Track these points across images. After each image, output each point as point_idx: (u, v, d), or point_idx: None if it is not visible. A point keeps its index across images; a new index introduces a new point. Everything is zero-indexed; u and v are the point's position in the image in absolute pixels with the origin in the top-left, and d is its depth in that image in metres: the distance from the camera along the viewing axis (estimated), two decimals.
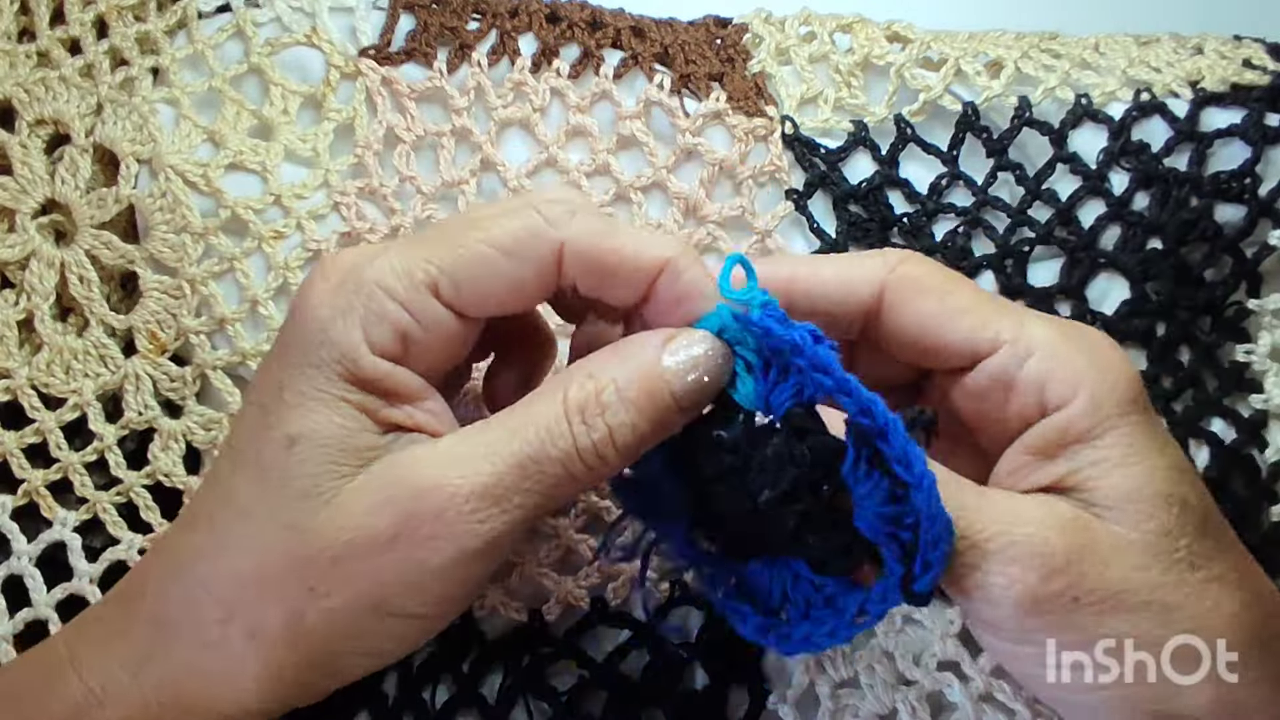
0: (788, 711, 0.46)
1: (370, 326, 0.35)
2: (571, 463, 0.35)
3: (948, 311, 0.38)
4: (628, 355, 0.36)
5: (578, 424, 0.35)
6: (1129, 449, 0.36)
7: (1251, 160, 0.49)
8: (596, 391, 0.35)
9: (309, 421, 0.35)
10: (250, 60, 0.51)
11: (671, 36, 0.52)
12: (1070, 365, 0.36)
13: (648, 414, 0.35)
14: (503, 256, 0.36)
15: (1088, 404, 0.36)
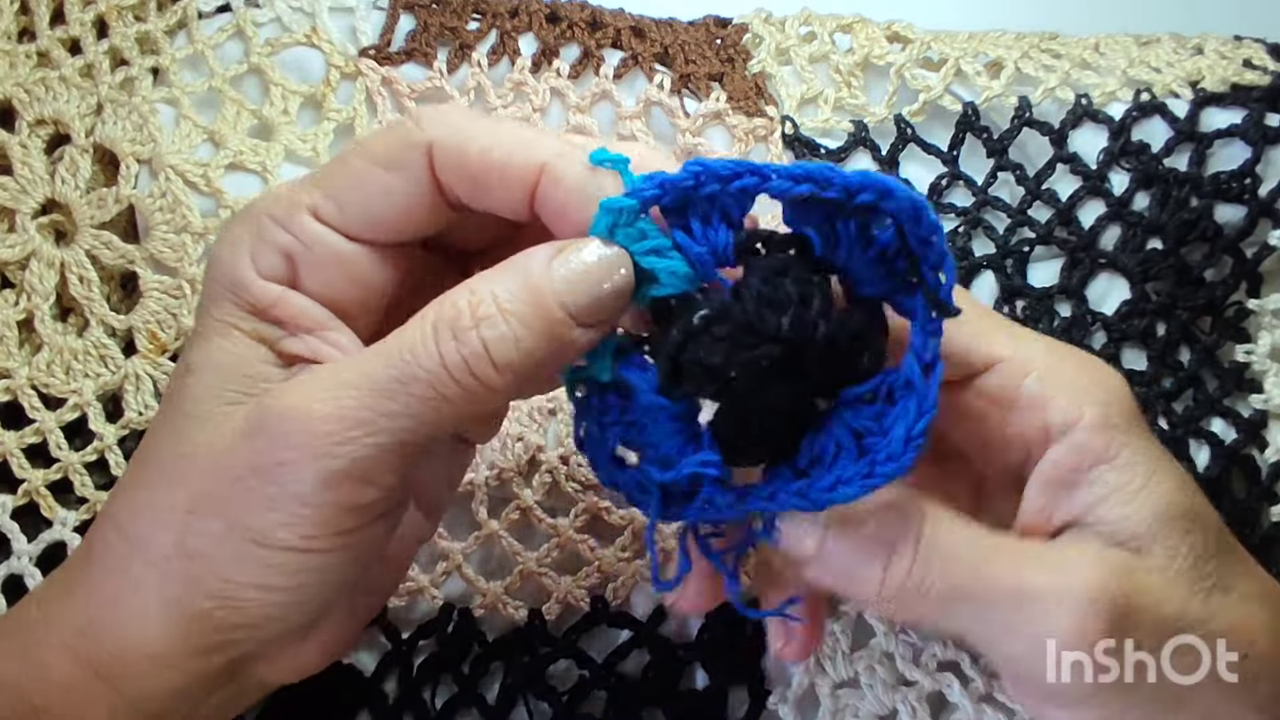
0: (788, 711, 0.46)
1: (256, 252, 0.35)
2: (441, 382, 0.32)
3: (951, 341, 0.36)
4: (511, 267, 0.33)
5: (446, 340, 0.32)
6: (1148, 470, 0.35)
7: (1251, 160, 0.49)
8: (472, 306, 0.32)
9: (205, 350, 0.35)
10: (250, 60, 0.51)
11: (671, 36, 0.52)
12: (1071, 381, 0.35)
13: (535, 327, 0.32)
14: (378, 168, 0.35)
15: (1097, 418, 0.35)
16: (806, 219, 0.33)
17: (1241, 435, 0.48)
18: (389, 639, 0.47)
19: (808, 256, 0.33)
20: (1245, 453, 0.48)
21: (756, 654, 0.47)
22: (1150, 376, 0.49)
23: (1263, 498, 0.48)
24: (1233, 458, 0.48)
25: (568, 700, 0.47)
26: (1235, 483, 0.48)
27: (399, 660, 0.47)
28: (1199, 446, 0.48)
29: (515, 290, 0.32)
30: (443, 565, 0.48)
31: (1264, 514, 0.48)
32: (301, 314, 0.35)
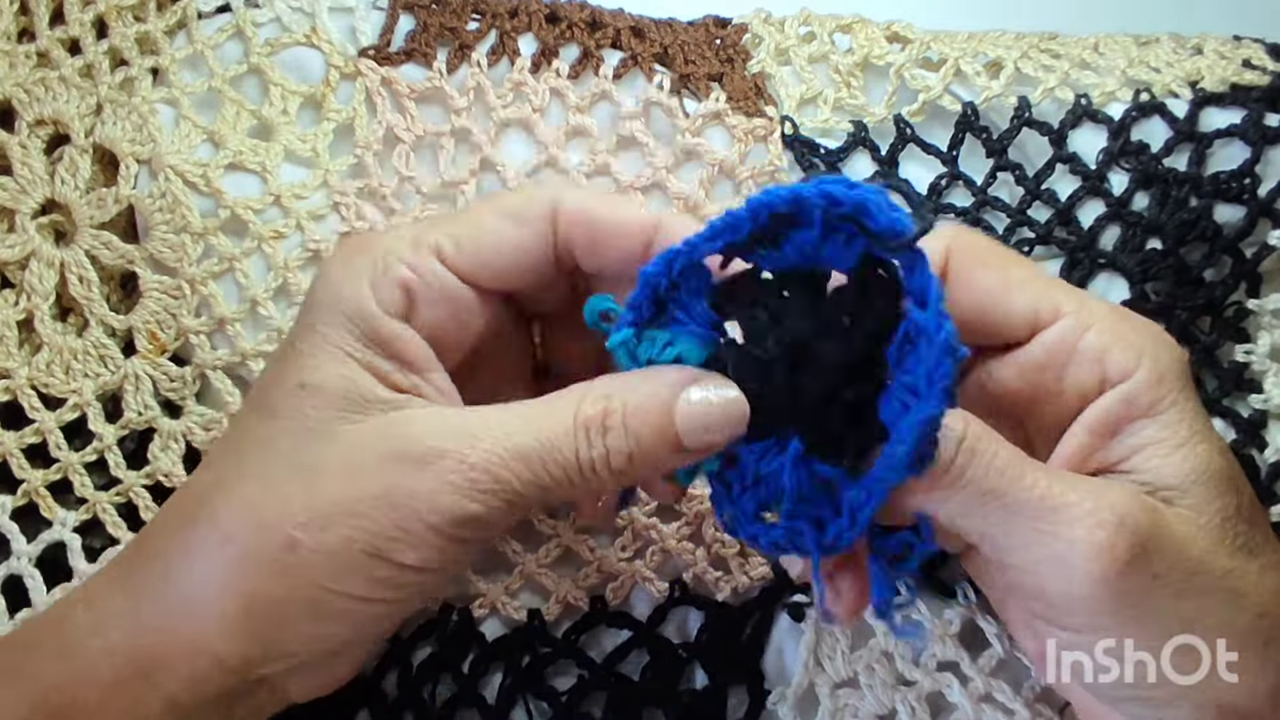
0: (787, 711, 0.46)
1: (378, 285, 0.37)
2: (571, 470, 0.36)
3: (1009, 283, 0.38)
4: (646, 382, 0.37)
5: (582, 439, 0.36)
6: (1191, 428, 0.36)
7: (1251, 160, 0.49)
8: (605, 412, 0.36)
9: (319, 371, 0.37)
10: (250, 60, 0.51)
11: (671, 37, 0.52)
12: (1131, 337, 0.37)
13: (646, 446, 0.36)
14: (502, 219, 0.39)
15: (1151, 374, 0.36)
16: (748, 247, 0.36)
17: (1241, 435, 0.48)
18: (389, 639, 0.47)
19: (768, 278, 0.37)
20: (1245, 453, 0.48)
21: (756, 654, 0.47)
22: None
23: (1262, 498, 0.48)
24: None
25: (567, 700, 0.47)
26: None
27: (399, 660, 0.47)
28: None
29: (644, 407, 0.36)
30: None
31: None
32: (415, 352, 0.38)
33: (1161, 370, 0.36)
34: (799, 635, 0.47)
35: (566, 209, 0.39)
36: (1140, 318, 0.38)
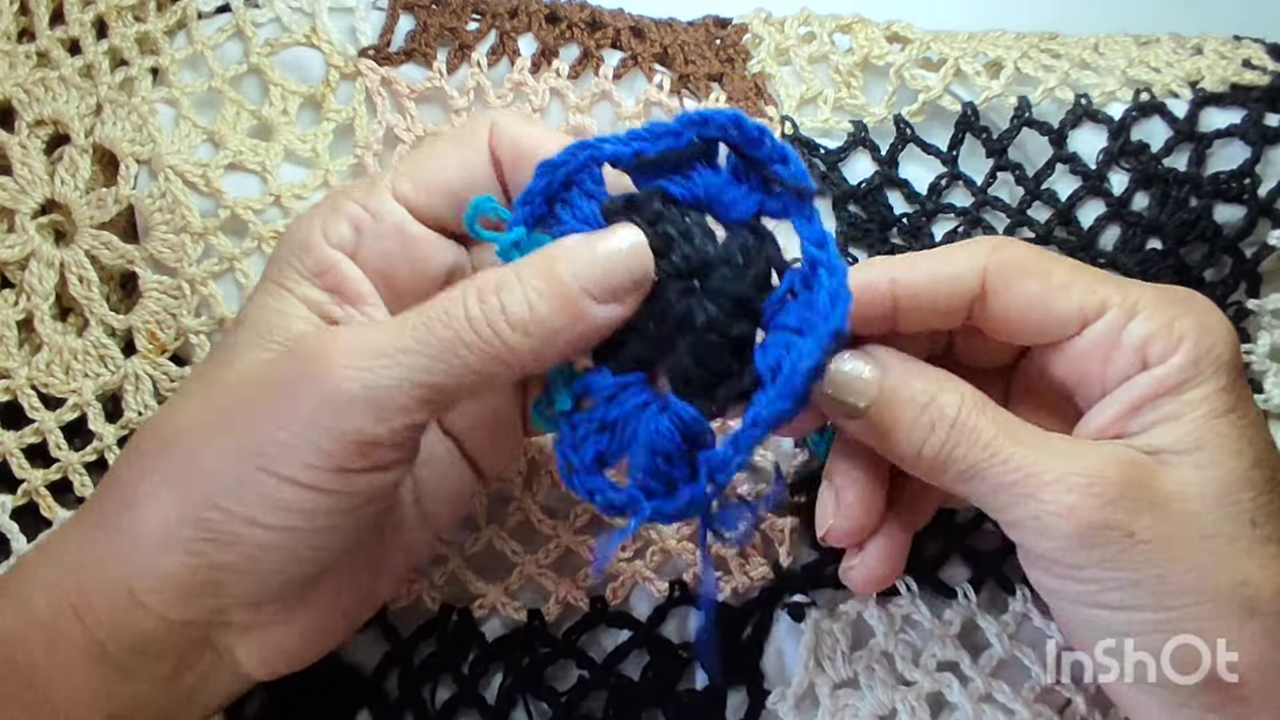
0: (787, 711, 0.46)
1: (326, 220, 0.39)
2: (462, 329, 0.35)
3: (1053, 288, 0.38)
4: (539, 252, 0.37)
5: (470, 299, 0.35)
6: (1211, 405, 0.37)
7: (1251, 160, 0.49)
8: (497, 276, 0.36)
9: (254, 307, 0.39)
10: (250, 60, 0.51)
11: (671, 37, 0.52)
12: (1174, 324, 0.37)
13: (548, 294, 0.35)
14: (448, 144, 0.41)
15: (1186, 360, 0.37)
16: (659, 173, 0.37)
17: None
18: (389, 639, 0.48)
19: (673, 203, 0.37)
20: None
21: (756, 654, 0.47)
22: None
23: None
24: None
25: (567, 700, 0.47)
26: None
27: (399, 660, 0.47)
28: None
29: (535, 264, 0.36)
30: (442, 566, 0.48)
31: None
32: (351, 283, 0.39)
33: (1199, 354, 0.37)
34: (799, 635, 0.47)
35: (498, 127, 0.40)
36: (1193, 298, 0.39)
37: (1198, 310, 0.38)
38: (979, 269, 0.39)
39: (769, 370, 0.35)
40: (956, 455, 0.37)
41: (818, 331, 0.35)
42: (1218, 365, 0.37)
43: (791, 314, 0.36)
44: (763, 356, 0.36)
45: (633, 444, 0.35)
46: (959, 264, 0.39)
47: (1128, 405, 0.38)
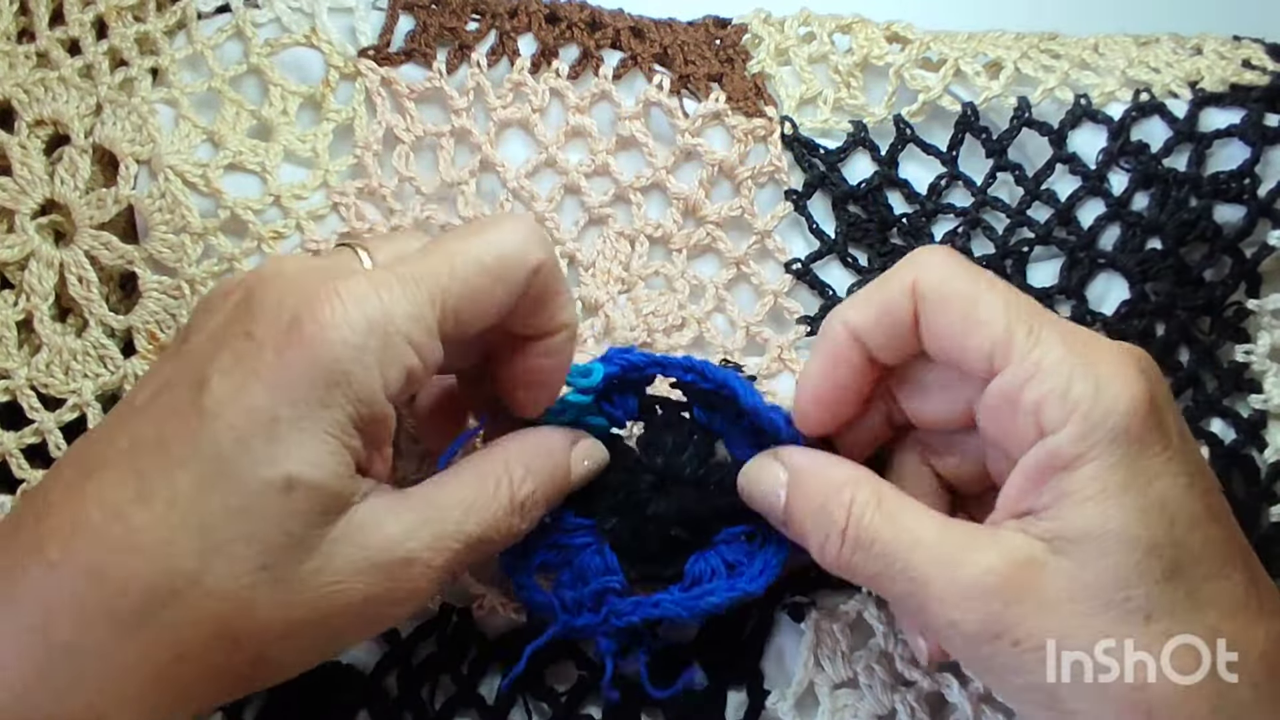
0: (787, 711, 0.46)
1: (386, 369, 0.36)
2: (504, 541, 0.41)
3: (969, 324, 0.38)
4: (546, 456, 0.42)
5: (516, 519, 0.40)
6: (1105, 483, 0.35)
7: (1251, 160, 0.49)
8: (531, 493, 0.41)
9: (310, 466, 0.35)
10: (249, 61, 0.51)
11: (671, 37, 0.52)
12: (1069, 390, 0.36)
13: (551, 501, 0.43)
14: (496, 283, 0.38)
15: (1076, 432, 0.35)
16: (696, 395, 0.45)
17: (1241, 435, 0.48)
18: (388, 639, 0.48)
19: (693, 420, 0.46)
20: (1244, 453, 0.48)
21: (756, 654, 0.47)
22: None
23: (1262, 498, 0.48)
24: (1232, 458, 0.48)
25: (567, 701, 0.47)
26: (1234, 483, 0.48)
27: (398, 660, 0.47)
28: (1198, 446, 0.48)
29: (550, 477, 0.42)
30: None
31: (1263, 514, 0.48)
32: (388, 432, 0.38)
33: (1089, 426, 0.35)
34: (799, 635, 0.47)
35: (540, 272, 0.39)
36: (1103, 358, 0.37)
37: (1099, 372, 0.36)
38: (908, 289, 0.39)
39: (690, 578, 0.44)
40: (855, 563, 0.39)
41: (738, 586, 0.44)
42: (1112, 437, 0.35)
43: (738, 550, 0.45)
44: (695, 563, 0.44)
45: (566, 567, 0.44)
46: (893, 288, 0.40)
47: (1027, 480, 0.37)
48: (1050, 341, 0.37)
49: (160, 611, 0.34)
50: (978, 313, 0.38)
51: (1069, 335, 0.37)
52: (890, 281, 0.40)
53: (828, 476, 0.40)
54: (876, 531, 0.38)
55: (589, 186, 0.51)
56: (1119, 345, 0.38)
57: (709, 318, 0.50)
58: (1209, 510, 0.36)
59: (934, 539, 0.37)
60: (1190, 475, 0.36)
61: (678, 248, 0.50)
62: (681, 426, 0.46)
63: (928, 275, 0.39)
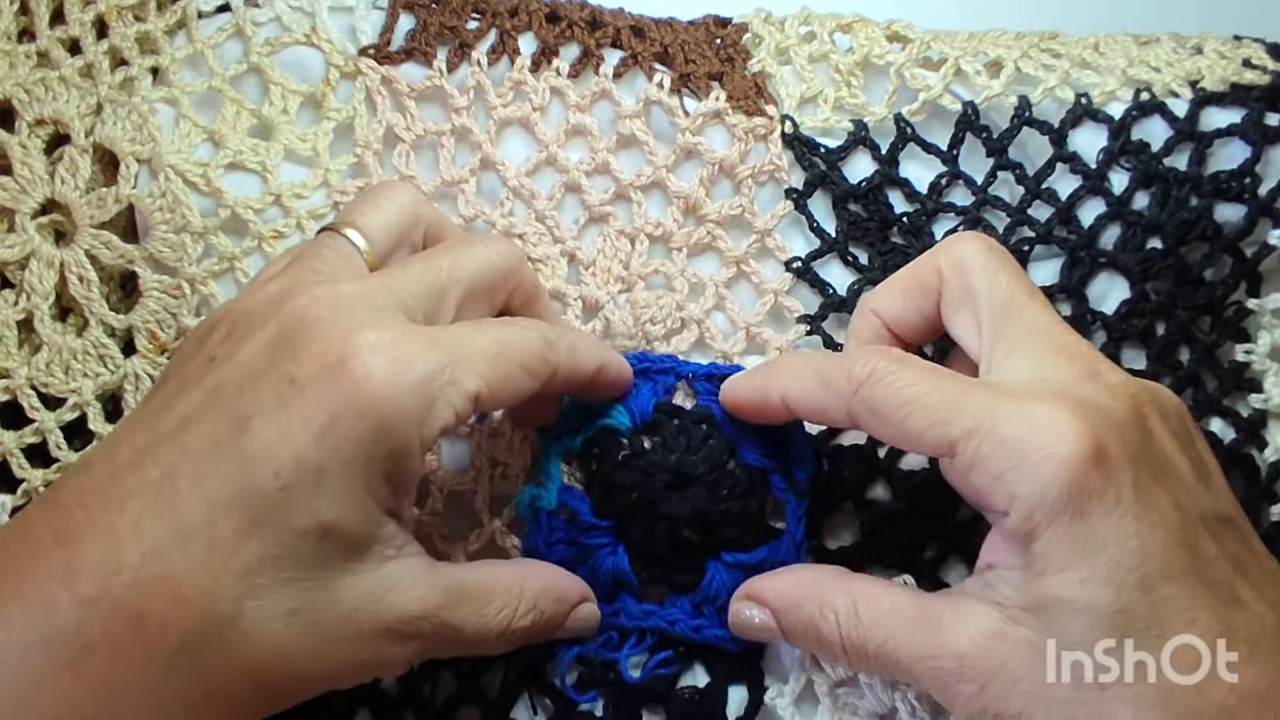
0: (786, 708, 0.46)
1: (425, 429, 0.37)
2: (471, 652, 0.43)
3: (908, 433, 0.39)
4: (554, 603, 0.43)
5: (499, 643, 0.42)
6: (1053, 558, 0.36)
7: (1251, 160, 0.49)
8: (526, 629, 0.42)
9: (346, 517, 0.36)
10: (250, 60, 0.51)
11: (671, 36, 0.52)
12: (1006, 478, 0.37)
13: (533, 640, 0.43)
14: (523, 373, 0.40)
15: (1020, 515, 0.36)
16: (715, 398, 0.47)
17: (1241, 435, 0.48)
18: None
19: (710, 423, 0.46)
20: (1244, 452, 0.48)
21: (755, 652, 0.47)
22: (1150, 375, 0.48)
23: (1262, 497, 0.48)
24: (1232, 457, 0.48)
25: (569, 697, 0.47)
26: (1234, 482, 0.48)
27: None
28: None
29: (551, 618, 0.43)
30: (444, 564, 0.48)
31: (1264, 513, 0.48)
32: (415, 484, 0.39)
33: (1031, 507, 0.36)
34: None
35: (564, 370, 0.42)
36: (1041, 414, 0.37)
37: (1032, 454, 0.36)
38: (843, 409, 0.40)
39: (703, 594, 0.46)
40: (865, 667, 0.42)
41: None
42: (1053, 514, 0.36)
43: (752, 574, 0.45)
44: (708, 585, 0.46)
45: (582, 565, 0.46)
46: (829, 402, 0.41)
47: (997, 545, 0.38)
48: (984, 426, 0.37)
49: (198, 655, 0.35)
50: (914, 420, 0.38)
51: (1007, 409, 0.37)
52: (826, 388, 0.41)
53: (806, 603, 0.42)
54: (865, 639, 0.40)
55: (589, 185, 0.51)
56: (1073, 398, 0.37)
57: (709, 317, 0.50)
58: (1165, 566, 0.36)
59: (912, 631, 0.39)
60: (1147, 531, 0.36)
61: (678, 246, 0.50)
62: (697, 428, 0.46)
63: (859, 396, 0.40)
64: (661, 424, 0.47)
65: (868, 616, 0.40)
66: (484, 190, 0.51)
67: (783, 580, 0.44)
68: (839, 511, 0.48)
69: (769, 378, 0.43)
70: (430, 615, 0.38)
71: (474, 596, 0.40)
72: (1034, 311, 0.41)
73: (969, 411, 0.37)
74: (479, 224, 0.50)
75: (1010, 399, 0.38)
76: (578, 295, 0.50)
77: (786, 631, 0.43)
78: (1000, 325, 0.41)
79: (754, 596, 0.44)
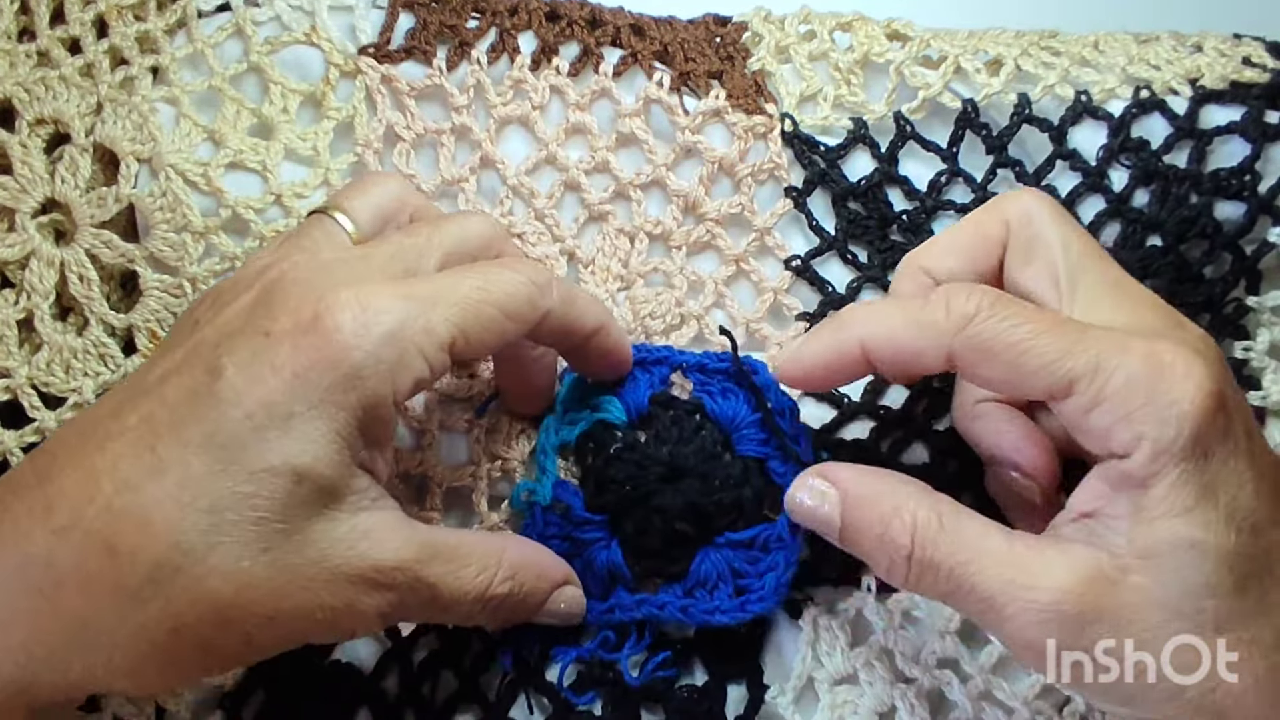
0: (786, 706, 0.46)
1: (398, 379, 0.37)
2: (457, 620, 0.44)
3: (1022, 372, 0.37)
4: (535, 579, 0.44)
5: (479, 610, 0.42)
6: (1174, 501, 0.35)
7: (1251, 157, 0.49)
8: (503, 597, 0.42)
9: (318, 461, 0.37)
10: (250, 59, 0.51)
11: (671, 34, 0.52)
12: (1133, 418, 0.36)
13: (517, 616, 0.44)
14: (506, 318, 0.40)
15: (1147, 454, 0.36)
16: (708, 388, 0.47)
17: None
18: (389, 636, 0.47)
19: (703, 415, 0.47)
20: None
21: (755, 650, 0.47)
22: None
23: None
24: None
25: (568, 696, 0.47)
26: None
27: (399, 657, 0.47)
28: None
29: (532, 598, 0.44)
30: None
31: None
32: (390, 435, 0.40)
33: (1161, 448, 0.35)
34: (798, 631, 0.47)
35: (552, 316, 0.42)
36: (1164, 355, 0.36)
37: (1162, 395, 0.36)
38: (943, 349, 0.38)
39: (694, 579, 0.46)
40: (924, 586, 0.39)
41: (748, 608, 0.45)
42: (1181, 455, 0.35)
43: (743, 557, 0.46)
44: (699, 569, 0.46)
45: (576, 558, 0.46)
46: (925, 341, 0.39)
47: (1100, 489, 0.37)
48: (1113, 361, 0.36)
49: (165, 586, 0.36)
50: (1029, 358, 0.37)
51: (1128, 347, 0.36)
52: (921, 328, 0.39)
53: (883, 498, 0.39)
54: (943, 555, 0.38)
55: (589, 183, 0.51)
56: (1181, 341, 0.37)
57: (708, 313, 0.50)
58: (1272, 511, 0.36)
59: (1001, 559, 0.37)
60: (1257, 477, 0.36)
61: (677, 245, 0.50)
62: (691, 419, 0.46)
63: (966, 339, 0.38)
64: (656, 416, 0.47)
65: (953, 531, 0.38)
66: (484, 189, 0.51)
67: (863, 472, 0.41)
68: None
69: (843, 330, 0.41)
70: (404, 567, 0.39)
71: (451, 556, 0.40)
72: (1108, 264, 0.41)
73: (1090, 349, 0.36)
74: None
75: (1129, 339, 0.37)
76: None
77: (848, 525, 0.40)
78: (1079, 275, 0.40)
79: (827, 475, 0.41)
